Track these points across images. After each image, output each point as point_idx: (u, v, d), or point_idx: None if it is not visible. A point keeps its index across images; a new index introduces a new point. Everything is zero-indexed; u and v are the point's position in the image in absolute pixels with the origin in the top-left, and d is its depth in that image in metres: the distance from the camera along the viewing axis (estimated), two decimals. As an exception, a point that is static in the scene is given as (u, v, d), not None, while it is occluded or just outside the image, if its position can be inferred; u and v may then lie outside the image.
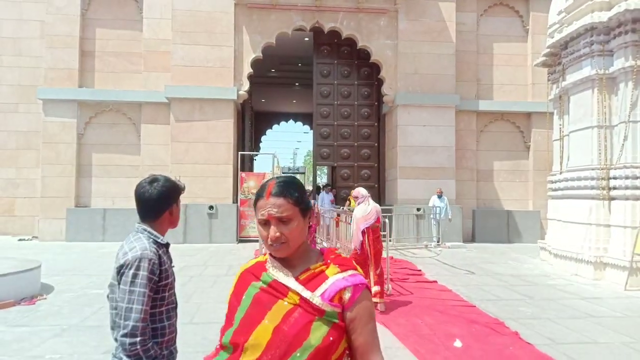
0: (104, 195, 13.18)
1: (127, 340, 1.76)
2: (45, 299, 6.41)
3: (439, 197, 12.58)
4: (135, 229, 1.99)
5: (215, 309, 5.98)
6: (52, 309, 5.93)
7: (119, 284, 1.85)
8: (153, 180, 2.01)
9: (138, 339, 1.76)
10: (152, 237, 1.96)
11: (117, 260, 1.90)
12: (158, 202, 1.98)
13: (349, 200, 12.87)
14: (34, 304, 6.14)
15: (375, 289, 5.89)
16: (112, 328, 1.90)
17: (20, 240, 12.87)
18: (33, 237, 13.19)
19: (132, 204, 2.07)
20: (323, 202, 12.95)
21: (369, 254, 6.00)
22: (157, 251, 1.94)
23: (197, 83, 12.79)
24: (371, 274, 5.97)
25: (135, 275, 1.81)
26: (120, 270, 1.85)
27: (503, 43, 14.60)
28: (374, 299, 5.86)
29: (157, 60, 13.21)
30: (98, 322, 5.36)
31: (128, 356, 1.78)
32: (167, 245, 2.04)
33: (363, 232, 6.04)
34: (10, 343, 4.64)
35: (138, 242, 1.91)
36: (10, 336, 4.85)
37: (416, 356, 4.37)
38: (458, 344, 4.72)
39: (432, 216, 12.68)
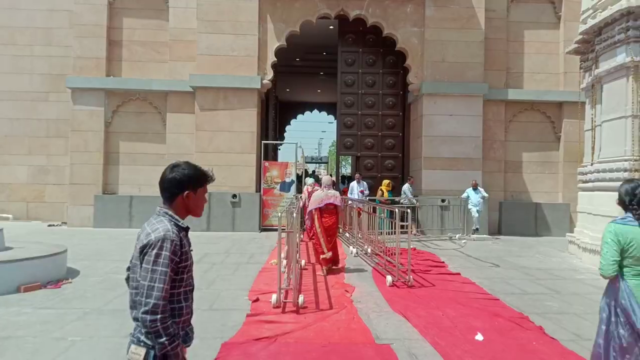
0: (130, 182, 13.41)
1: (148, 317, 1.81)
2: (70, 282, 6.56)
3: (475, 189, 12.24)
4: (157, 212, 2.05)
5: (236, 297, 6.01)
6: (76, 292, 6.06)
7: (141, 263, 1.90)
8: (175, 165, 2.07)
9: (159, 316, 1.81)
10: (173, 220, 2.01)
11: (139, 240, 1.96)
12: (170, 186, 2.03)
13: (381, 190, 12.61)
14: (60, 287, 6.29)
15: (327, 254, 7.55)
16: (132, 308, 1.94)
17: (50, 225, 13.23)
18: (62, 222, 13.55)
19: (158, 192, 2.10)
20: (352, 192, 12.77)
21: (316, 229, 7.77)
22: (179, 233, 1.97)
23: (221, 72, 12.82)
24: (322, 243, 7.60)
25: (158, 255, 1.86)
26: (143, 250, 1.90)
27: (534, 30, 14.13)
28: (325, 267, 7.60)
29: (183, 49, 13.29)
30: (121, 306, 5.44)
31: (148, 332, 1.84)
32: (186, 229, 2.06)
33: (311, 212, 7.92)
34: (35, 324, 4.75)
35: (160, 224, 1.95)
36: (36, 318, 4.97)
37: (435, 349, 4.29)
38: (479, 337, 4.61)
39: (469, 208, 12.25)
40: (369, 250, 9.16)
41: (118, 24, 13.60)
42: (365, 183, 13.20)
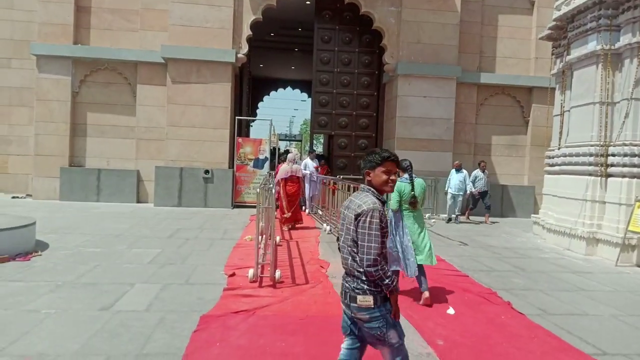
0: (99, 155, 13.04)
1: (372, 269, 2.38)
2: (40, 255, 6.41)
3: (457, 170, 12.09)
4: (362, 189, 2.61)
5: (211, 271, 6.00)
6: (47, 265, 5.93)
7: (356, 228, 2.44)
8: (371, 152, 2.60)
9: (378, 266, 2.39)
10: (375, 194, 2.53)
11: (349, 209, 2.53)
12: (362, 169, 2.62)
13: None
14: (29, 260, 6.14)
15: (287, 215, 9.74)
16: (346, 266, 2.55)
17: (13, 197, 12.80)
18: (27, 195, 13.12)
19: (127, 165, 2.11)
20: (307, 167, 12.46)
21: (281, 196, 9.73)
22: (381, 206, 2.49)
23: (195, 44, 12.50)
24: (285, 205, 9.73)
25: (370, 222, 2.40)
26: (357, 218, 2.44)
27: (508, 15, 14.31)
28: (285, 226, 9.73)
29: (155, 18, 12.88)
30: (93, 279, 5.37)
31: (374, 280, 2.41)
32: (384, 202, 2.56)
33: (279, 182, 9.87)
34: (6, 297, 4.64)
35: (367, 198, 2.49)
36: (5, 290, 4.85)
37: (409, 321, 4.43)
38: (451, 311, 4.78)
39: (446, 190, 12.18)
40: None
41: (87, -10, 13.02)
42: (317, 160, 13.09)
